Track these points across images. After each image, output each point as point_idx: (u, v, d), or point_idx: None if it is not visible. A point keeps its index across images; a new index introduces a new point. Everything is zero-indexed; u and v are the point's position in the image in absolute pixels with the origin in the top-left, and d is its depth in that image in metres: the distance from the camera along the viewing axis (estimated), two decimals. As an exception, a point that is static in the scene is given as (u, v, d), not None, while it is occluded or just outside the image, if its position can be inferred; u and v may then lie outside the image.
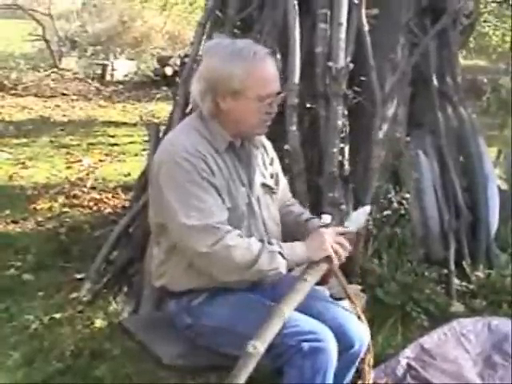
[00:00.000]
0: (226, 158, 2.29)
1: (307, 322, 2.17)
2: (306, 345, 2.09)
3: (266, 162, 2.49)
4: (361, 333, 2.33)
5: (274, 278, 2.23)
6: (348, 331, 2.28)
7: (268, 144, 2.55)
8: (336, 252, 2.23)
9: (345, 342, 2.26)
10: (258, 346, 1.90)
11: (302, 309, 2.21)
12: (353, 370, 2.39)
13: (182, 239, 2.20)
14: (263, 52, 2.24)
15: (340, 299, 2.53)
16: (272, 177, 2.51)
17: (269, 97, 2.23)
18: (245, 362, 1.87)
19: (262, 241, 2.21)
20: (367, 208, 2.56)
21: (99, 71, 13.33)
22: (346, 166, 3.67)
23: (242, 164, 2.35)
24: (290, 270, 2.32)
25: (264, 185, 2.42)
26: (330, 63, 3.64)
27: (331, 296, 2.55)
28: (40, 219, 5.04)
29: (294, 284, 2.13)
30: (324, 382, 2.13)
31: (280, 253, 2.19)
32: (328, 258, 2.22)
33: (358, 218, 2.47)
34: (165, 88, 11.42)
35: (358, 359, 2.36)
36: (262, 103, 2.22)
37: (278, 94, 2.28)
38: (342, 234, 2.30)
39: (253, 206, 2.34)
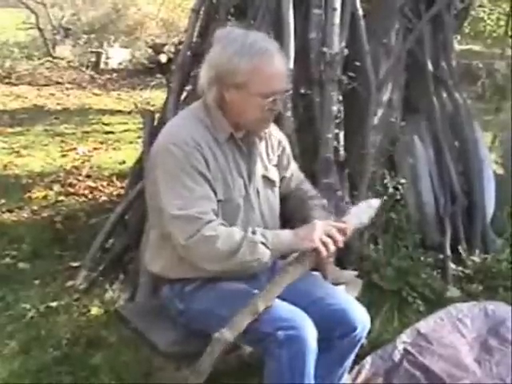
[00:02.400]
0: (226, 149, 2.29)
1: (285, 309, 2.15)
2: (281, 334, 2.08)
3: (270, 154, 2.47)
4: (363, 316, 2.34)
5: (258, 269, 2.22)
6: (351, 315, 2.29)
7: (275, 131, 2.53)
8: (325, 244, 2.17)
9: (348, 326, 2.28)
10: (227, 334, 1.95)
11: (303, 295, 2.24)
12: (354, 354, 2.41)
13: (167, 226, 2.21)
14: (274, 49, 2.23)
15: (336, 285, 2.53)
16: (277, 164, 2.50)
17: (272, 95, 2.22)
18: (212, 348, 1.94)
19: (245, 231, 2.19)
20: (374, 202, 2.42)
21: (93, 59, 13.24)
22: (341, 152, 3.67)
23: (242, 156, 2.34)
24: (283, 257, 2.32)
25: (265, 177, 2.42)
26: (325, 49, 3.63)
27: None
28: (35, 208, 5.02)
29: (275, 276, 2.15)
30: (303, 370, 2.12)
31: (263, 243, 2.16)
32: (316, 250, 2.16)
33: (360, 212, 2.36)
34: (159, 75, 11.36)
35: (360, 343, 2.37)
36: (264, 100, 2.21)
37: (285, 91, 2.27)
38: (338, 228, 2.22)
39: (250, 198, 2.34)
